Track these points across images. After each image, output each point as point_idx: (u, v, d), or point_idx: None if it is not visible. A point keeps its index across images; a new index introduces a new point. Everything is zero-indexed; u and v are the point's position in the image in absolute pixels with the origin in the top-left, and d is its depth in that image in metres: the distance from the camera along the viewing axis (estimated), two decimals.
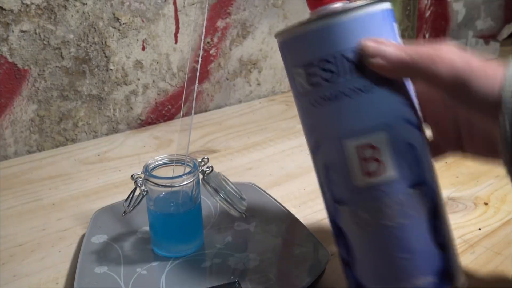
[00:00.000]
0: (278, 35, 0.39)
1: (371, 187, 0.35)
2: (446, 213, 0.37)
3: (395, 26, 0.38)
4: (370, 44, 0.34)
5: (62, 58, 0.72)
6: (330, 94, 0.37)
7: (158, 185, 0.43)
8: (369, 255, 0.36)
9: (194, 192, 0.45)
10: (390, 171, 0.35)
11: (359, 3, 0.37)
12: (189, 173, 0.44)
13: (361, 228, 0.37)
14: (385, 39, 0.36)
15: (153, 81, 0.81)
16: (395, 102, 0.37)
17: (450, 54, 0.32)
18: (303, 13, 0.92)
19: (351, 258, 0.38)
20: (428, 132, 0.39)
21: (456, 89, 0.32)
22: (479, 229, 0.51)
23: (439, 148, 0.41)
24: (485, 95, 0.31)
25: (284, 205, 0.53)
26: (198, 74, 0.42)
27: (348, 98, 0.36)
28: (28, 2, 0.67)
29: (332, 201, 0.38)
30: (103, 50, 0.74)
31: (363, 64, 0.36)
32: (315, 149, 0.40)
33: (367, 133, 0.36)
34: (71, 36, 0.71)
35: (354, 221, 0.37)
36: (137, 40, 0.77)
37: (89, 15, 0.72)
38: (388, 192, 0.35)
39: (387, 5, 0.37)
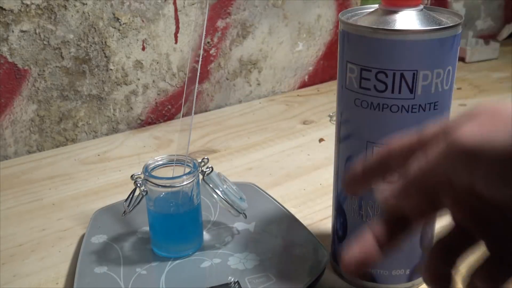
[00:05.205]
0: (344, 23, 0.39)
1: None
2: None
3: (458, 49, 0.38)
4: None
5: (62, 58, 0.72)
6: (376, 103, 0.38)
7: (158, 185, 0.43)
8: None
9: (194, 193, 0.45)
10: None
11: (435, 26, 0.36)
12: (189, 173, 0.44)
13: (362, 219, 0.41)
14: None
15: (153, 81, 0.81)
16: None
17: None
18: (303, 13, 0.92)
19: (345, 234, 0.44)
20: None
21: None
22: None
23: None
24: None
25: (284, 205, 0.53)
26: (198, 74, 0.42)
27: (391, 112, 0.38)
28: (28, 2, 0.67)
29: (344, 189, 0.41)
30: (103, 50, 0.74)
31: (416, 86, 0.36)
32: (344, 139, 0.42)
33: None
34: (71, 36, 0.71)
35: (358, 212, 0.41)
36: (137, 40, 0.77)
37: (89, 15, 0.72)
38: None
39: (459, 30, 0.37)
